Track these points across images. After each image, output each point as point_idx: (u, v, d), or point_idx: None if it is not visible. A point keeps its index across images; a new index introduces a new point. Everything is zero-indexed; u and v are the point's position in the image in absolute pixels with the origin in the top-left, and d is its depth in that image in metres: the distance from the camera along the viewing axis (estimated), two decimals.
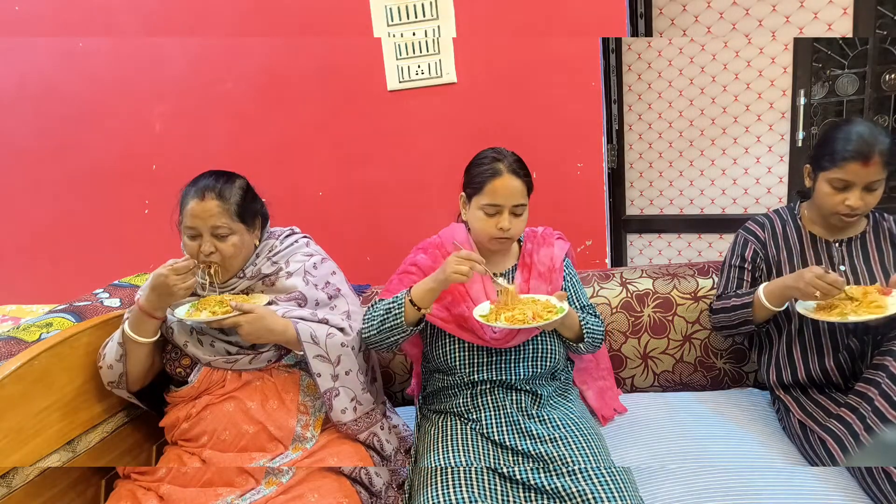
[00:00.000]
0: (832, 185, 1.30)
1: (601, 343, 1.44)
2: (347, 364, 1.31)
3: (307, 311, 1.33)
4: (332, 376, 1.28)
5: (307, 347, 1.26)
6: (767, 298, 1.33)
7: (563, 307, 1.23)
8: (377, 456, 1.35)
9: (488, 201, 1.29)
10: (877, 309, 1.19)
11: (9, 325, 1.93)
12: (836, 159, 1.27)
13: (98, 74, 2.26)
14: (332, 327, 1.33)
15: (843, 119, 2.26)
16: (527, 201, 1.33)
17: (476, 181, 1.31)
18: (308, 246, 1.46)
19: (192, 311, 1.25)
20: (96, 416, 1.30)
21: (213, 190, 1.27)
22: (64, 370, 1.24)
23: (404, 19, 1.98)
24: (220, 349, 1.30)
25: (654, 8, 2.43)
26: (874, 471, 1.11)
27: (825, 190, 1.32)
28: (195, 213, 1.25)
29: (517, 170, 1.30)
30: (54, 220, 2.45)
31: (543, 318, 1.20)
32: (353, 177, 2.17)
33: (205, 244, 1.26)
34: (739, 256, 1.47)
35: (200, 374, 1.28)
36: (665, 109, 2.51)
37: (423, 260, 1.41)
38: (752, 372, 1.62)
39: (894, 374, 1.16)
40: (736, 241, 1.50)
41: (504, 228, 1.30)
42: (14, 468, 1.11)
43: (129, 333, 1.24)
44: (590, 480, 1.10)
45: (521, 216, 1.33)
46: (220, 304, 1.24)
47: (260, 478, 1.19)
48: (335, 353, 1.29)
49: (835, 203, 1.30)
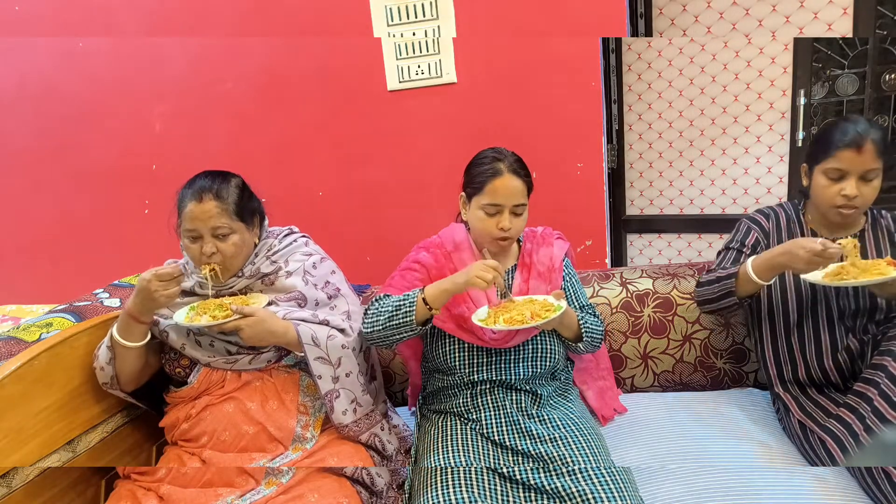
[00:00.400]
0: (828, 176, 1.30)
1: (601, 343, 1.44)
2: (348, 366, 1.31)
3: (308, 313, 1.33)
4: (332, 378, 1.28)
5: (308, 349, 1.25)
6: (755, 271, 1.31)
7: (560, 305, 1.23)
8: (378, 456, 1.35)
9: (489, 201, 1.29)
10: (878, 275, 1.18)
11: (9, 325, 1.93)
12: (830, 149, 1.28)
13: (98, 74, 2.26)
14: (332, 329, 1.32)
15: (845, 116, 2.25)
16: (527, 201, 1.33)
17: (476, 181, 1.31)
18: (307, 245, 1.46)
19: (193, 315, 1.24)
20: (96, 416, 1.30)
21: (211, 191, 1.26)
22: (64, 370, 1.24)
23: (404, 19, 1.98)
24: (220, 349, 1.29)
25: (654, 8, 2.43)
26: (874, 471, 1.11)
27: (821, 182, 1.32)
28: (194, 215, 1.24)
29: (517, 169, 1.30)
30: (54, 220, 2.45)
31: (542, 318, 1.20)
32: (353, 177, 2.17)
33: (206, 245, 1.26)
34: (740, 241, 1.47)
35: (200, 375, 1.28)
36: (665, 109, 2.51)
37: (425, 258, 1.41)
38: (752, 372, 1.62)
39: (893, 374, 1.16)
40: (739, 227, 1.50)
41: (505, 228, 1.29)
42: (14, 468, 1.11)
43: (116, 337, 1.23)
44: (590, 480, 1.10)
45: (522, 216, 1.33)
46: (221, 308, 1.23)
47: (260, 478, 1.19)
48: (336, 354, 1.29)
49: (832, 195, 1.30)
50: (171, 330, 1.30)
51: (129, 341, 1.23)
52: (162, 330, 1.30)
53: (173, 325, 1.28)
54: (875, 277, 1.18)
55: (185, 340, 1.29)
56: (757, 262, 1.32)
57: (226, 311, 1.22)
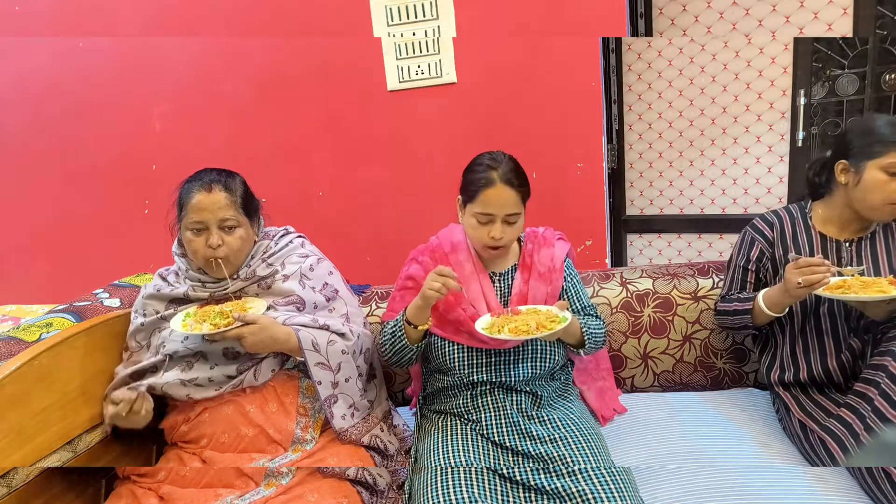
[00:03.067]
0: (888, 172, 1.24)
1: (602, 345, 1.44)
2: (347, 371, 1.31)
3: (308, 318, 1.32)
4: (332, 384, 1.28)
5: (308, 355, 1.25)
6: (767, 305, 1.33)
7: (565, 317, 1.22)
8: (379, 456, 1.35)
9: (481, 210, 1.28)
10: (879, 293, 1.19)
11: (9, 325, 1.92)
12: (888, 144, 1.23)
13: (98, 74, 2.26)
14: (332, 333, 1.32)
15: (869, 113, 2.22)
16: (521, 209, 1.31)
17: (470, 189, 1.30)
18: (303, 246, 1.45)
19: (192, 322, 1.21)
20: (96, 416, 1.30)
21: (220, 182, 1.27)
22: (64, 370, 1.23)
23: (404, 19, 1.98)
24: (219, 377, 1.26)
25: (654, 8, 2.43)
26: (874, 471, 1.11)
27: (879, 178, 1.25)
28: (203, 205, 1.24)
29: (511, 179, 1.27)
30: (54, 220, 2.45)
31: (547, 329, 1.19)
32: (353, 177, 2.17)
33: (212, 237, 1.25)
34: (745, 257, 1.46)
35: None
36: (665, 109, 2.51)
37: (416, 271, 1.42)
38: (752, 372, 1.62)
39: (894, 374, 1.16)
40: (743, 239, 1.47)
41: (496, 238, 1.29)
42: (14, 468, 1.11)
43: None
44: (590, 481, 1.10)
45: (515, 224, 1.31)
46: (222, 316, 1.21)
47: (259, 480, 1.19)
48: (336, 360, 1.29)
49: (891, 191, 1.24)
50: (169, 388, 1.25)
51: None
52: (162, 386, 1.25)
53: (174, 382, 1.25)
54: (876, 294, 1.18)
55: (188, 390, 1.26)
56: (768, 297, 1.33)
57: (227, 318, 1.20)
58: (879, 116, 1.29)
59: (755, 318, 1.38)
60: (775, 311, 1.33)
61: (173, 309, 1.33)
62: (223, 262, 1.27)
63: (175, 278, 1.36)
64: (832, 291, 1.24)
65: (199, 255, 1.28)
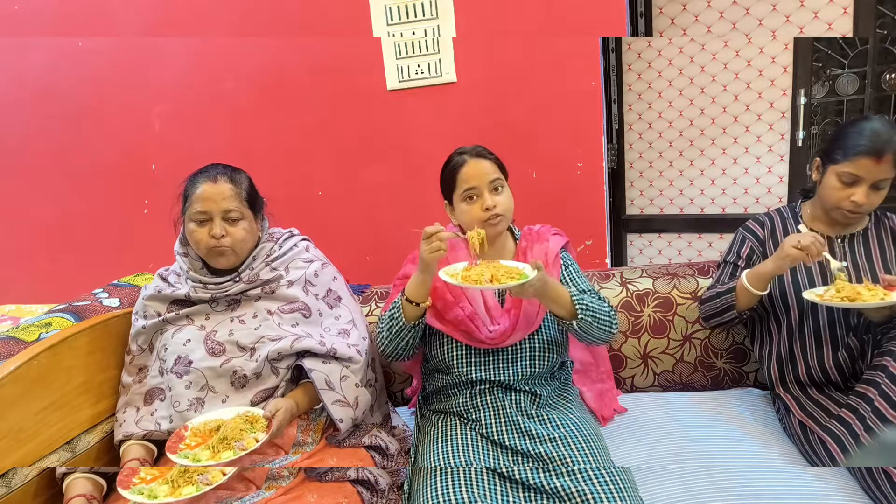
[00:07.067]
0: (840, 179, 1.29)
1: (609, 325, 1.30)
2: (364, 404, 1.32)
3: (315, 341, 1.29)
4: (352, 419, 1.29)
5: (324, 395, 1.25)
6: (750, 282, 1.34)
7: (526, 274, 1.18)
8: (379, 456, 1.35)
9: (464, 188, 1.31)
10: (877, 299, 1.20)
11: (8, 325, 1.92)
12: (849, 153, 1.27)
13: (98, 74, 2.26)
14: (342, 363, 1.31)
15: (861, 115, 2.24)
16: (503, 178, 1.34)
17: (448, 178, 1.35)
18: (308, 251, 1.45)
19: (208, 454, 1.09)
20: (96, 416, 1.30)
21: (225, 174, 1.29)
22: (64, 370, 1.23)
23: (404, 19, 1.98)
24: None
25: (654, 7, 2.43)
26: (874, 471, 1.11)
27: (833, 183, 1.31)
28: (208, 195, 1.25)
29: (481, 152, 1.34)
30: (54, 219, 2.45)
31: (500, 282, 1.17)
32: (353, 177, 2.17)
33: (215, 227, 1.25)
34: (735, 253, 1.48)
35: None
36: (665, 109, 2.51)
37: (411, 270, 1.42)
38: (752, 372, 1.62)
39: (894, 374, 1.16)
40: (735, 238, 1.51)
41: (489, 207, 1.30)
42: (14, 468, 1.11)
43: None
44: (590, 480, 1.10)
45: (503, 192, 1.33)
46: (245, 430, 1.12)
47: (260, 483, 1.18)
48: (352, 395, 1.29)
49: (840, 198, 1.30)
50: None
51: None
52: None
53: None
54: (874, 301, 1.19)
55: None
56: (751, 274, 1.35)
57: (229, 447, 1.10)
58: (862, 122, 1.29)
59: (738, 297, 1.38)
60: (758, 287, 1.34)
61: (175, 311, 1.32)
62: (226, 253, 1.28)
63: (176, 279, 1.36)
64: (830, 298, 1.25)
65: (202, 246, 1.28)
